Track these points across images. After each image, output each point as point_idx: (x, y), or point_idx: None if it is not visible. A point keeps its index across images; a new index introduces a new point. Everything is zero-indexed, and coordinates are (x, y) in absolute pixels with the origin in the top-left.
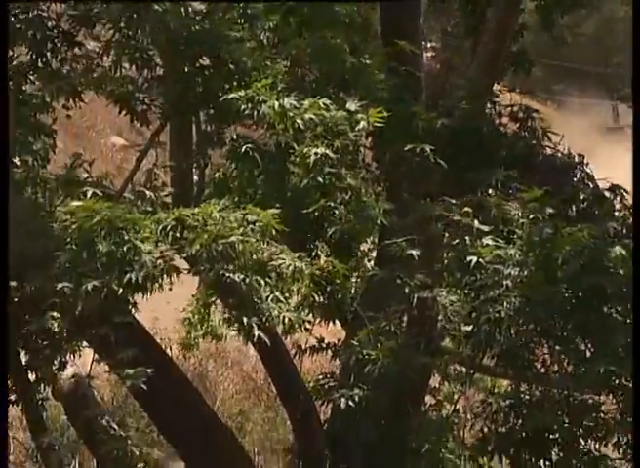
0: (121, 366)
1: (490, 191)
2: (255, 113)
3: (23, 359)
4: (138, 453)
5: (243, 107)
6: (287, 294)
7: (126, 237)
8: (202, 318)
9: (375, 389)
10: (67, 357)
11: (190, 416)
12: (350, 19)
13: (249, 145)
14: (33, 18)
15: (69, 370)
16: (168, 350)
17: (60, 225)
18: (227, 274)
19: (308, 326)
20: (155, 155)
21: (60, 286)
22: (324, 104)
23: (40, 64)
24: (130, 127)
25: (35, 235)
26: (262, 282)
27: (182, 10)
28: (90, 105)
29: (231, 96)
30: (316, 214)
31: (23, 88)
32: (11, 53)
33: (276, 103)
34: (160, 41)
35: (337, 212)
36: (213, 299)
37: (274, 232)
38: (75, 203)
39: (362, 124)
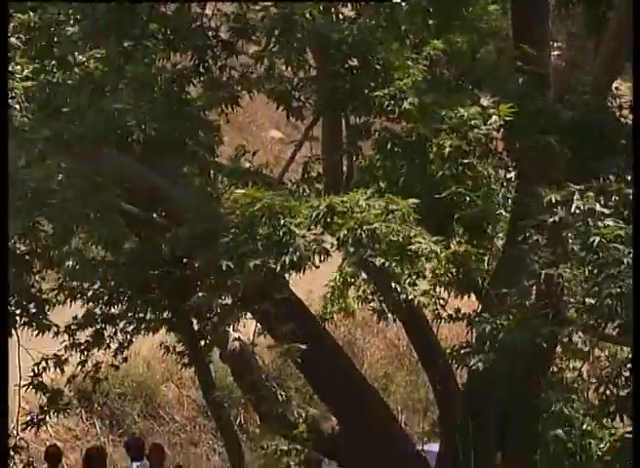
0: (281, 337)
1: (611, 177)
2: (397, 109)
3: (195, 327)
4: (297, 411)
5: (387, 103)
6: (423, 274)
7: (282, 222)
8: (339, 294)
9: (507, 355)
10: (233, 327)
11: (342, 379)
12: (483, 22)
13: (392, 138)
14: (196, 28)
15: (235, 338)
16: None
17: (225, 211)
18: (370, 258)
19: (442, 302)
20: (309, 147)
21: (224, 264)
22: (459, 101)
23: (202, 70)
24: (286, 121)
25: (204, 219)
26: (401, 265)
27: (333, 16)
28: (251, 102)
29: (377, 93)
30: (450, 200)
31: (186, 89)
32: (174, 58)
33: (416, 100)
34: (313, 45)
35: (468, 198)
36: (353, 280)
37: (412, 219)
38: (239, 191)
39: (494, 118)
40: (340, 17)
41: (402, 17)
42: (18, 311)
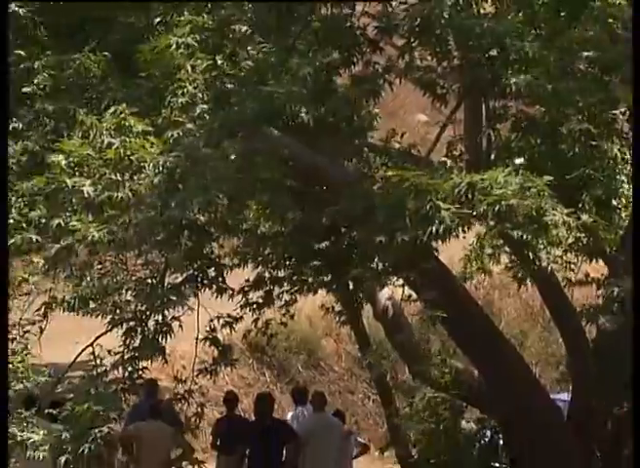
0: (426, 302)
1: None
2: (532, 94)
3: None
4: (441, 364)
5: (523, 89)
6: (556, 243)
7: (429, 197)
8: (477, 257)
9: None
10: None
11: (481, 335)
12: (610, 12)
13: (528, 121)
14: (345, 28)
15: (386, 296)
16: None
17: (377, 188)
18: (508, 230)
19: (573, 267)
20: (453, 129)
21: (376, 239)
22: (589, 87)
23: (350, 64)
24: (432, 106)
25: (358, 195)
26: (536, 235)
27: (474, 12)
28: (400, 90)
29: (514, 80)
30: (580, 177)
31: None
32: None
33: (550, 86)
34: (456, 39)
35: (596, 176)
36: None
37: (546, 194)
38: (390, 173)
39: (621, 103)
40: (482, 12)
41: (537, 10)
42: (199, 275)
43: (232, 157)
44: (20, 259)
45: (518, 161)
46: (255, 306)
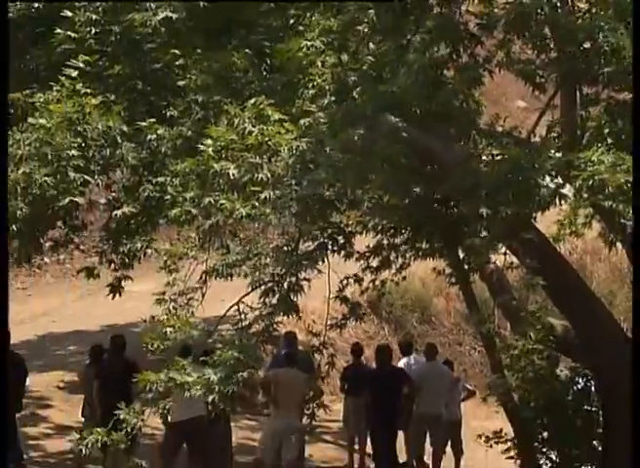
0: (530, 268)
1: None
2: (623, 81)
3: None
4: (540, 321)
5: (614, 77)
6: None
7: (529, 174)
8: (570, 224)
9: None
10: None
11: (575, 294)
12: None
13: (618, 105)
14: (453, 26)
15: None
16: None
17: (483, 166)
18: (600, 202)
19: None
20: (551, 114)
21: (484, 212)
22: None
23: (455, 56)
24: (531, 94)
25: (467, 173)
26: (626, 205)
27: (569, 8)
28: (502, 79)
29: (606, 69)
30: None
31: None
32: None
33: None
34: (554, 33)
35: None
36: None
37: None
38: (495, 152)
39: None
40: (576, 9)
41: (626, 6)
42: (329, 243)
43: (356, 141)
44: (177, 236)
45: None
46: (374, 269)
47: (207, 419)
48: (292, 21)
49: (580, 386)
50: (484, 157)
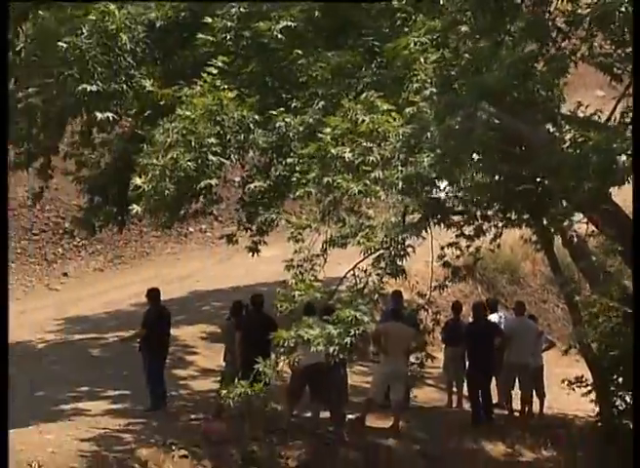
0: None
1: None
2: None
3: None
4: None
5: None
6: None
7: (606, 154)
8: None
9: None
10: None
11: None
12: None
13: None
14: (541, 23)
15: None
16: None
17: (566, 147)
18: None
19: None
20: (626, 102)
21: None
22: None
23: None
24: (608, 83)
25: (551, 154)
26: None
27: None
28: (583, 70)
29: None
30: None
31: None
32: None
33: None
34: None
35: None
36: None
37: None
38: (577, 135)
39: None
40: None
41: None
42: (430, 214)
43: (455, 127)
44: (300, 210)
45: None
46: (468, 237)
47: (326, 365)
48: (398, 23)
49: None
50: (567, 139)
